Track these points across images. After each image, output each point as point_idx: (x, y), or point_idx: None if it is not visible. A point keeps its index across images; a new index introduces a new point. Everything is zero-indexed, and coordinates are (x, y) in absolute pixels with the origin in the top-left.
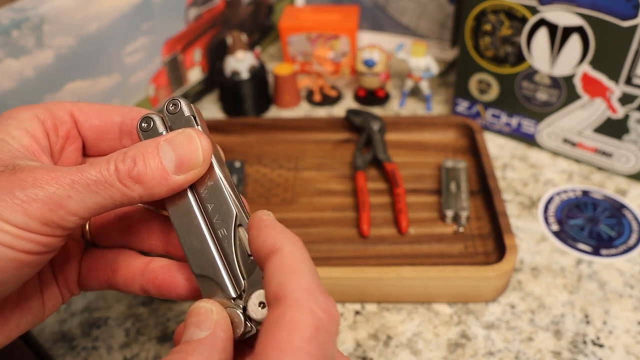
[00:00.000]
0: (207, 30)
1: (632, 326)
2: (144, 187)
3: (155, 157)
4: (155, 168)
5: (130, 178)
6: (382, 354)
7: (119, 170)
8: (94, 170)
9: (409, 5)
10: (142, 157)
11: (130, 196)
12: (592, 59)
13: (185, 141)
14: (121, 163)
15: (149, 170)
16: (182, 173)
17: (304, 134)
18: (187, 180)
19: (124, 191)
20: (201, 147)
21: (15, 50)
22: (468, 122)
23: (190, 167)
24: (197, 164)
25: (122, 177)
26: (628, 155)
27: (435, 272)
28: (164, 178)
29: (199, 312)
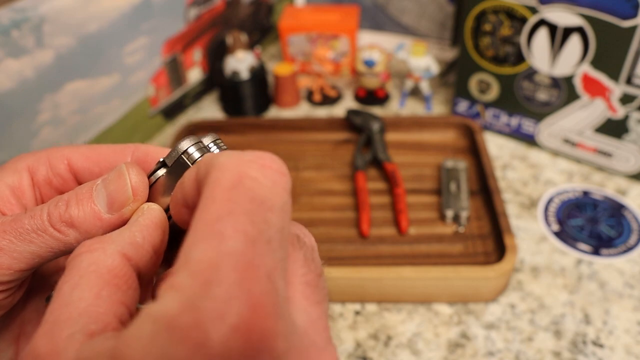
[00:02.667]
0: (207, 30)
1: (632, 326)
2: (78, 231)
3: (89, 199)
4: (88, 210)
5: (63, 222)
6: (382, 354)
7: (50, 215)
8: (27, 218)
9: (409, 5)
10: (75, 199)
11: (66, 242)
12: (592, 59)
13: (114, 178)
14: (53, 208)
15: (81, 213)
16: (115, 211)
17: (304, 134)
18: (123, 220)
19: (58, 237)
20: (130, 182)
21: (15, 50)
22: (468, 122)
23: (122, 205)
24: (127, 199)
25: (54, 222)
26: (628, 155)
27: (435, 272)
28: (97, 219)
29: None
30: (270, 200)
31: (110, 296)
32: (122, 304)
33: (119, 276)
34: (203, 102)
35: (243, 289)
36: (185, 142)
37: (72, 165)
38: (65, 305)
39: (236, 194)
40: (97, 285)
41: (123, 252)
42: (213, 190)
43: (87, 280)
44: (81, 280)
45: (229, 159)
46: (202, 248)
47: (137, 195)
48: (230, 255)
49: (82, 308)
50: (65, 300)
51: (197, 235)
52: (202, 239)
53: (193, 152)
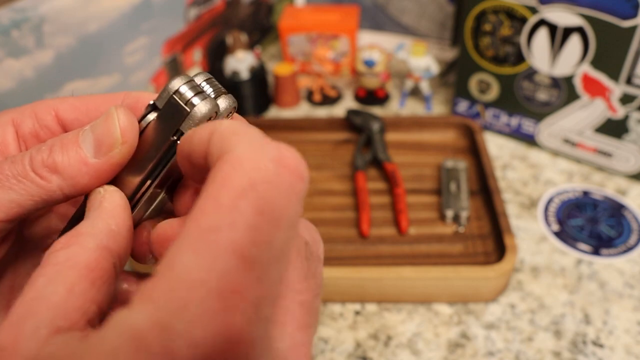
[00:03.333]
0: (207, 30)
1: (632, 326)
2: (61, 177)
3: (74, 143)
4: (73, 153)
5: (45, 167)
6: (382, 354)
7: (33, 159)
8: (7, 164)
9: (409, 5)
10: (59, 144)
11: (49, 189)
12: (592, 59)
13: (102, 120)
14: (35, 152)
15: (65, 158)
16: (102, 155)
17: (304, 134)
18: (110, 163)
19: (40, 183)
20: (119, 123)
21: (15, 50)
22: (468, 122)
23: (110, 147)
24: (115, 142)
25: (36, 167)
26: (628, 155)
27: (435, 272)
28: (83, 164)
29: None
30: (281, 213)
31: (84, 293)
32: (94, 303)
33: (95, 271)
34: None
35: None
36: (176, 81)
37: (60, 117)
38: (36, 299)
39: (244, 202)
40: (71, 281)
41: (102, 245)
42: (219, 191)
43: (63, 275)
44: (57, 275)
45: (248, 153)
46: (189, 260)
47: (126, 137)
48: (218, 278)
49: (52, 302)
50: (36, 294)
51: (188, 242)
52: (192, 248)
53: (185, 92)
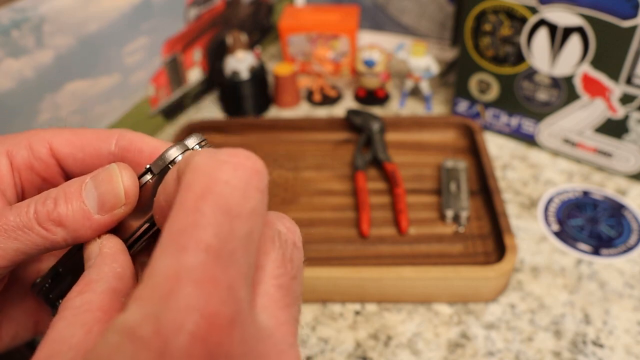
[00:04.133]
0: (207, 30)
1: (632, 326)
2: (66, 230)
3: (78, 198)
4: (77, 209)
5: (51, 221)
6: (382, 354)
7: (38, 212)
8: (13, 215)
9: (409, 5)
10: (63, 197)
11: (54, 240)
12: (592, 59)
13: (106, 178)
14: (41, 205)
15: (70, 212)
16: (106, 212)
17: (304, 134)
18: (113, 221)
19: (45, 235)
20: (123, 184)
21: (15, 50)
22: (468, 122)
23: (113, 206)
24: (119, 202)
25: (42, 220)
26: (628, 155)
27: (435, 272)
28: (87, 219)
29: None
30: (240, 206)
31: (101, 332)
32: None
33: (109, 312)
34: (203, 102)
35: (200, 301)
36: (172, 150)
37: (54, 150)
38: (57, 341)
39: (204, 203)
40: (88, 323)
41: (111, 287)
42: (183, 198)
43: (80, 318)
44: (74, 318)
45: (203, 160)
46: (165, 261)
47: (129, 199)
48: (190, 270)
49: (72, 343)
50: (57, 336)
51: (163, 247)
52: (166, 251)
53: None
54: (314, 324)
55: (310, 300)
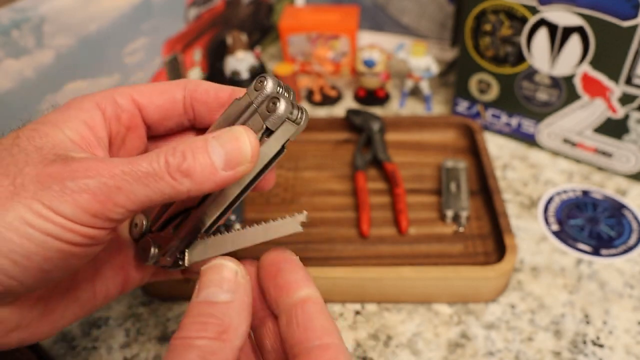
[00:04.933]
0: (207, 30)
1: (632, 326)
2: (192, 182)
3: (204, 153)
4: (205, 163)
5: (180, 172)
6: (382, 354)
7: (169, 163)
8: (145, 162)
9: (409, 5)
10: (191, 152)
11: (179, 190)
12: (592, 59)
13: (233, 138)
14: (171, 157)
15: (198, 165)
16: (230, 169)
17: (304, 134)
18: (235, 177)
19: (173, 185)
20: (249, 144)
21: (15, 50)
22: (468, 122)
23: (238, 163)
24: (244, 160)
25: (172, 171)
26: (628, 155)
27: (435, 272)
28: (212, 173)
29: (222, 269)
30: None
31: None
32: None
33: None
34: None
35: None
36: (284, 106)
37: (136, 100)
38: None
39: None
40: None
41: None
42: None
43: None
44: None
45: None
46: None
47: (254, 158)
48: None
49: None
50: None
51: None
52: None
53: (293, 112)
54: None
55: None
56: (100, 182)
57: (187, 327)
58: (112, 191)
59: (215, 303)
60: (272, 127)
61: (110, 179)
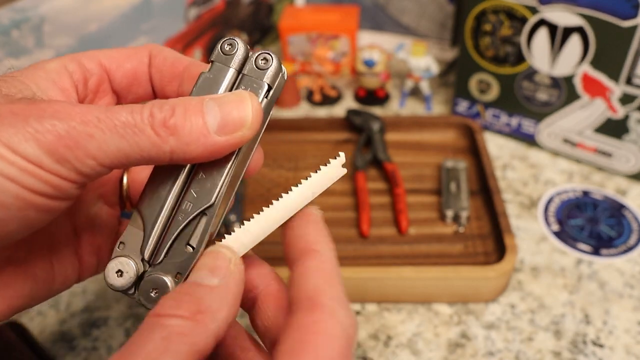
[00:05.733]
0: (207, 30)
1: (632, 326)
2: (178, 141)
3: (198, 111)
4: (196, 122)
5: (165, 127)
6: (382, 354)
7: (154, 116)
8: (125, 111)
9: (409, 5)
10: (182, 108)
11: (161, 148)
12: (592, 59)
13: (234, 99)
14: (158, 109)
15: (187, 123)
16: (225, 134)
17: (304, 134)
18: (229, 144)
19: (155, 141)
20: (252, 108)
21: (15, 50)
22: (468, 122)
23: (235, 129)
24: (243, 125)
25: (156, 125)
26: (628, 155)
27: (435, 272)
28: (202, 135)
29: (217, 256)
30: None
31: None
32: None
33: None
34: None
35: None
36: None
37: (104, 65)
38: None
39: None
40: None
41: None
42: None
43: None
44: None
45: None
46: None
47: (255, 124)
48: None
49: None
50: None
51: None
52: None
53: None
54: None
55: None
56: (70, 125)
57: (162, 304)
58: (83, 137)
59: (200, 285)
60: (272, 83)
61: (82, 124)
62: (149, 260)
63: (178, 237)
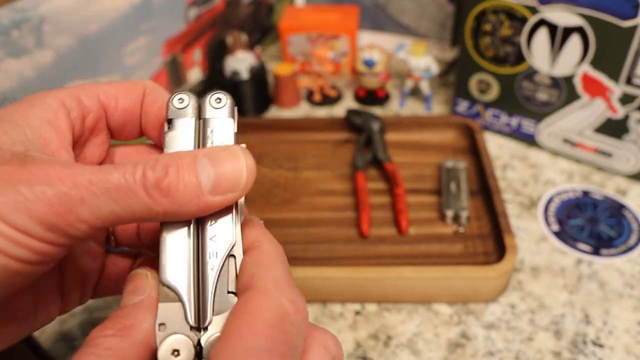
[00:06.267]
0: (207, 30)
1: (632, 326)
2: (171, 203)
3: (192, 171)
4: (189, 183)
5: (158, 189)
6: (382, 354)
7: (146, 177)
8: (118, 173)
9: (409, 5)
10: (175, 167)
11: (154, 210)
12: (592, 59)
13: (228, 158)
14: (150, 170)
15: (181, 184)
16: (219, 194)
17: (304, 134)
18: (223, 204)
19: (148, 203)
20: (246, 168)
21: (15, 50)
22: (468, 122)
23: (229, 189)
24: (237, 186)
25: (149, 187)
26: (628, 155)
27: (435, 272)
28: (196, 196)
29: (134, 278)
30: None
31: None
32: None
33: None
34: None
35: None
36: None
37: (103, 102)
38: None
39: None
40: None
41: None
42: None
43: None
44: None
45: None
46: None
47: (249, 182)
48: None
49: None
50: None
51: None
52: None
53: None
54: (314, 324)
55: (310, 300)
56: (61, 190)
57: (92, 331)
58: (74, 203)
59: (124, 307)
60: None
61: (73, 189)
62: (198, 326)
63: (217, 290)
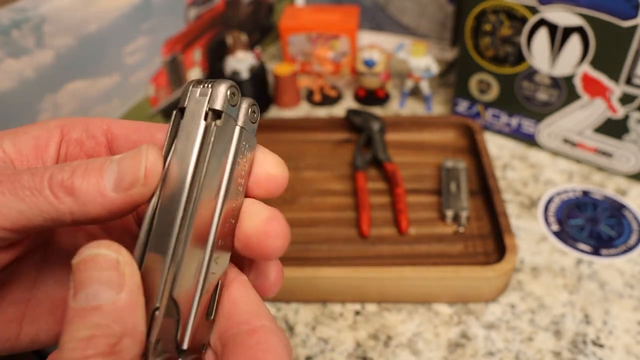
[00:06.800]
0: (207, 30)
1: (632, 326)
2: (75, 202)
3: (97, 171)
4: (93, 181)
5: (62, 187)
6: (382, 354)
7: (52, 177)
8: (28, 174)
9: (409, 5)
10: (83, 168)
11: (59, 209)
12: (592, 59)
13: (131, 155)
14: (58, 171)
15: (84, 183)
16: (122, 191)
17: (304, 134)
18: (125, 201)
19: (52, 201)
20: (145, 163)
21: (15, 50)
22: (468, 122)
23: (130, 186)
24: (136, 181)
25: (53, 185)
26: (628, 155)
27: (435, 272)
28: (100, 194)
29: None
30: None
31: None
32: None
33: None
34: None
35: None
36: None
37: (110, 130)
38: None
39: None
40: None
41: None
42: None
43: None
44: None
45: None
46: None
47: (149, 179)
48: None
49: None
50: None
51: None
52: None
53: None
54: (314, 324)
55: (310, 300)
56: None
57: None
58: None
59: (99, 307)
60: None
61: None
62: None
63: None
